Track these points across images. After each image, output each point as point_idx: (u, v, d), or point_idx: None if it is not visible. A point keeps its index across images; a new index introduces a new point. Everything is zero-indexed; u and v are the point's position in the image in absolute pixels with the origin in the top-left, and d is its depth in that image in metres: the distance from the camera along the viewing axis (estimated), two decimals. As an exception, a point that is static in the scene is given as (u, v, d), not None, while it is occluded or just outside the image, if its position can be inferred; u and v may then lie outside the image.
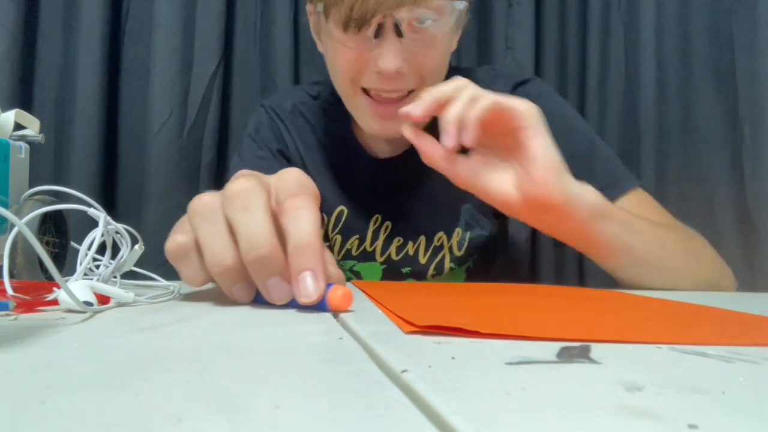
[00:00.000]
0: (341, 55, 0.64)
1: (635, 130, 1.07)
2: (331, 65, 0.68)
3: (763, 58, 0.93)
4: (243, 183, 0.34)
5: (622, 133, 1.09)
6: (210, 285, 0.38)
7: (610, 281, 0.70)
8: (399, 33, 0.60)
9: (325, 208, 0.78)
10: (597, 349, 0.21)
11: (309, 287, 0.32)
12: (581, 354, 0.20)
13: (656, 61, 1.05)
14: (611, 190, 0.64)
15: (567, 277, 1.10)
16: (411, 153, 0.76)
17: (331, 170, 0.78)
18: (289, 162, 0.78)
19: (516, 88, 0.74)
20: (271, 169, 0.69)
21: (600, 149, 0.71)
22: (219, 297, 0.38)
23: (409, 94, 0.63)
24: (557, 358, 0.20)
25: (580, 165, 0.63)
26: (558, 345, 0.22)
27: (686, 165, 1.03)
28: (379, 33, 0.60)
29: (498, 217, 0.79)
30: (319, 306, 0.32)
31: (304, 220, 0.33)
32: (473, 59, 1.12)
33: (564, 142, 0.63)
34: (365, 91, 0.65)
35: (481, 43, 1.12)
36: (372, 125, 0.66)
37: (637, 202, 0.66)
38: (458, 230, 0.77)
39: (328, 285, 0.32)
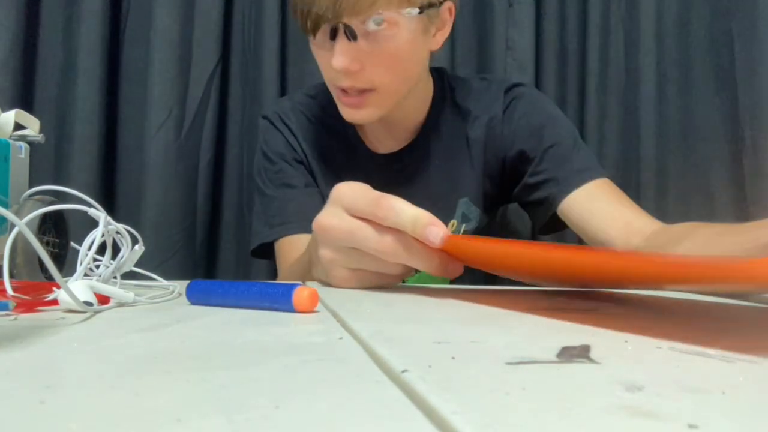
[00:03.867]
0: (316, 55, 0.71)
1: (635, 130, 1.07)
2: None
3: (763, 58, 0.93)
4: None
5: (622, 133, 1.09)
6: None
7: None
8: (353, 37, 0.65)
9: None
10: (597, 349, 0.21)
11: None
12: (581, 354, 0.20)
13: (656, 61, 1.05)
14: (584, 173, 0.73)
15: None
16: (410, 148, 0.78)
17: (332, 166, 0.80)
18: (301, 164, 0.81)
19: (507, 92, 0.80)
20: (291, 177, 0.76)
21: (580, 143, 0.78)
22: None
23: (373, 91, 0.68)
24: (557, 358, 0.20)
25: (561, 151, 0.75)
26: (558, 345, 0.22)
27: (686, 165, 1.03)
28: (334, 36, 0.65)
29: (488, 212, 0.83)
30: (286, 306, 0.32)
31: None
32: (473, 59, 1.12)
33: (548, 131, 0.76)
34: None
35: (481, 43, 1.12)
36: (345, 113, 0.72)
37: (605, 188, 0.73)
38: (453, 221, 0.80)
39: (294, 285, 0.33)
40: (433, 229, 0.42)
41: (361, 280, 0.47)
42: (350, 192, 0.45)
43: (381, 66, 0.67)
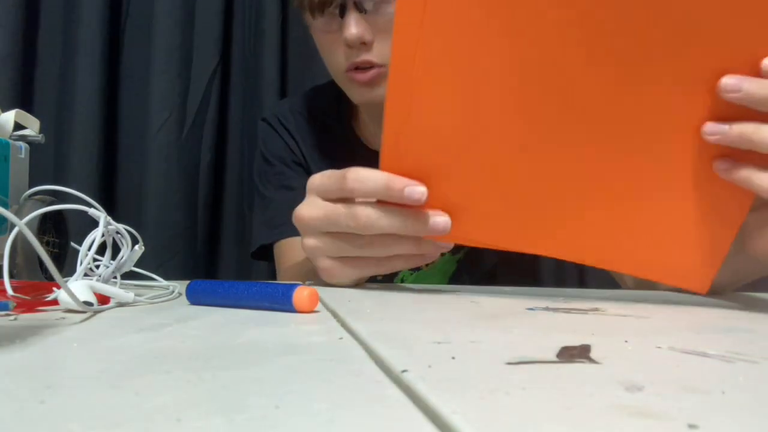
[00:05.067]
0: (321, 42, 0.69)
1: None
2: (322, 56, 0.71)
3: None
4: None
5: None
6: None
7: (611, 282, 0.70)
8: (363, 10, 0.64)
9: None
10: (597, 349, 0.21)
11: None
12: (581, 354, 0.20)
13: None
14: None
15: (566, 276, 1.10)
16: None
17: (332, 167, 0.80)
18: (301, 166, 0.81)
19: None
20: (291, 179, 0.74)
21: None
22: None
23: (384, 67, 0.67)
24: (557, 358, 0.20)
25: None
26: (558, 345, 0.22)
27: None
28: (343, 12, 0.65)
29: None
30: (286, 306, 0.32)
31: None
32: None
33: None
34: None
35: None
36: (357, 95, 0.70)
37: None
38: None
39: (295, 285, 0.33)
40: (415, 187, 0.40)
41: (347, 269, 0.46)
42: (320, 178, 0.46)
43: (390, 40, 0.67)
